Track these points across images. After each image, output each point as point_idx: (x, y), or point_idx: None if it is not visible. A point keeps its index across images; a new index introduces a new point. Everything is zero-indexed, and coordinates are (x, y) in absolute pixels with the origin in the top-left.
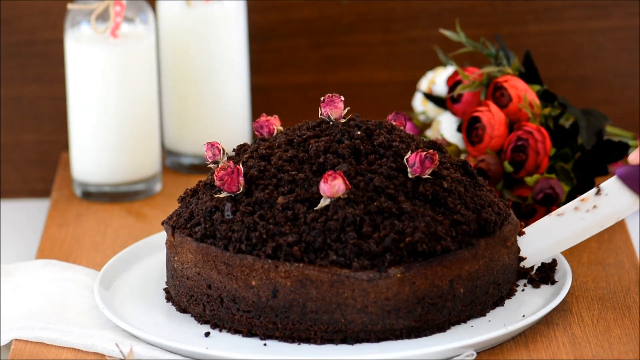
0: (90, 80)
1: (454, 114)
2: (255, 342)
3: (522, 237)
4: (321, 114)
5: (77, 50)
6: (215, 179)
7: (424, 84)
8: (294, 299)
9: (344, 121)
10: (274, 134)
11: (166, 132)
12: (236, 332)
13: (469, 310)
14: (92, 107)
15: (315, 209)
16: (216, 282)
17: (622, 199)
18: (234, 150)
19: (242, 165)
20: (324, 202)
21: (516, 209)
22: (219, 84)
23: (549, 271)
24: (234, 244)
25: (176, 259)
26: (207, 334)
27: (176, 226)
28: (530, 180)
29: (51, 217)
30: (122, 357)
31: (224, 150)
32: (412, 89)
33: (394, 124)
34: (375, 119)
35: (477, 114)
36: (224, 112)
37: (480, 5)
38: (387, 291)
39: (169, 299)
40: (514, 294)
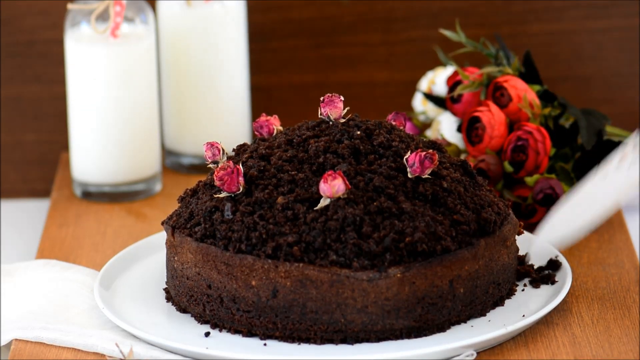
0: (90, 80)
1: (454, 114)
2: (255, 342)
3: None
4: (321, 114)
5: (77, 50)
6: (215, 179)
7: (424, 84)
8: (294, 299)
9: (343, 121)
10: (274, 134)
11: (166, 132)
12: (236, 332)
13: (469, 310)
14: (92, 107)
15: (315, 209)
16: (216, 282)
17: None
18: (234, 150)
19: (242, 165)
20: (323, 202)
21: (516, 209)
22: (219, 83)
23: (549, 271)
24: (234, 244)
25: (176, 259)
26: (207, 334)
27: (176, 226)
28: (530, 180)
29: (51, 217)
30: (122, 357)
31: (223, 150)
32: (412, 89)
33: (393, 124)
34: (375, 119)
35: (477, 114)
36: (224, 112)
37: (480, 5)
38: (387, 291)
39: (169, 299)
40: (514, 294)
